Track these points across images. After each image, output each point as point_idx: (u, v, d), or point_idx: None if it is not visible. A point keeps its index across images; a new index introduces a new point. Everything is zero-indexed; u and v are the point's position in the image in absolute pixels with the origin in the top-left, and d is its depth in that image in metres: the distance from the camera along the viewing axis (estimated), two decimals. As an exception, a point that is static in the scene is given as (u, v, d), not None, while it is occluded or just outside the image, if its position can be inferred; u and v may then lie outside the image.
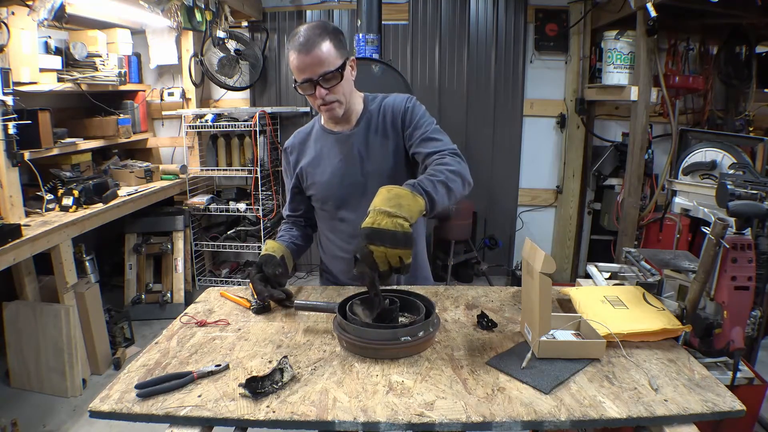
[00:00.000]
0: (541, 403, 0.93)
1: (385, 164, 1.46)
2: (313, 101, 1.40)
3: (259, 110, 3.61)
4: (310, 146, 1.55)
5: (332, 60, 1.33)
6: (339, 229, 1.55)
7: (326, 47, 1.31)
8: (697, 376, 1.02)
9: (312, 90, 1.35)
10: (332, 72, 1.33)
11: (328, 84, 1.35)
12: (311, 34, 1.31)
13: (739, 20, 3.12)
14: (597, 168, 3.69)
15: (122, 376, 1.05)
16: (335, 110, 1.40)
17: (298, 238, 1.62)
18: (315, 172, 1.52)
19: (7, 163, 2.40)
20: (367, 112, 1.50)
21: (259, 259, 1.44)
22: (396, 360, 1.09)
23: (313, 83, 1.34)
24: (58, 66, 2.87)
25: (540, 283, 1.05)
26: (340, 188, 1.49)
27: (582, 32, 3.73)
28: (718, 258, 1.14)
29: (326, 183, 1.50)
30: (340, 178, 1.48)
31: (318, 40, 1.31)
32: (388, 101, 1.51)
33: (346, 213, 1.51)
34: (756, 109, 3.49)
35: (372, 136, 1.47)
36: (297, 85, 1.37)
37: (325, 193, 1.52)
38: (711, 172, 1.83)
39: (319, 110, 1.43)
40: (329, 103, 1.38)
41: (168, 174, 3.74)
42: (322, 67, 1.32)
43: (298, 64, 1.32)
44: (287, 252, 1.52)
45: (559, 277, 3.98)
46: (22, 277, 2.59)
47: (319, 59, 1.31)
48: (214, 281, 3.92)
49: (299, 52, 1.31)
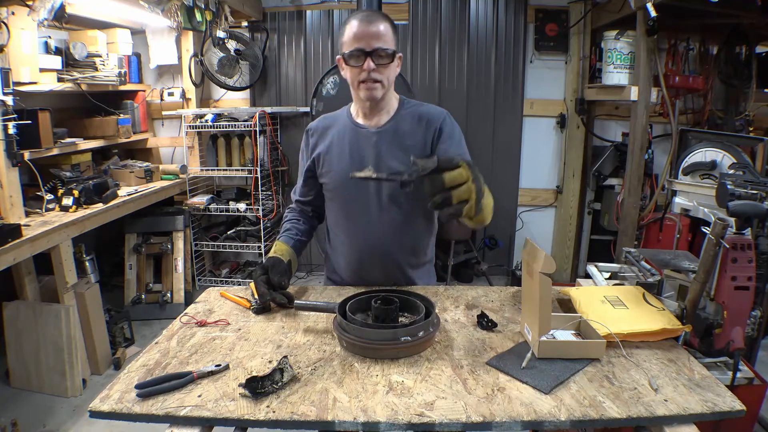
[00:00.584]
0: (541, 403, 0.93)
1: (400, 167, 1.42)
2: (356, 75, 1.39)
3: (259, 110, 3.61)
4: (333, 133, 1.52)
5: (389, 40, 1.36)
6: (344, 225, 1.53)
7: (387, 28, 1.36)
8: (697, 376, 1.02)
9: (360, 62, 1.35)
10: (387, 50, 1.35)
11: (378, 60, 1.35)
12: (376, 14, 1.38)
13: (739, 20, 3.11)
14: (597, 168, 3.69)
15: (122, 376, 1.05)
16: (376, 90, 1.39)
17: (304, 233, 1.60)
18: (332, 160, 1.50)
19: (7, 163, 2.40)
20: (398, 114, 1.48)
21: (266, 261, 1.44)
22: (396, 360, 1.09)
23: (365, 54, 1.34)
24: (58, 66, 2.87)
25: (540, 283, 1.05)
26: (354, 182, 1.44)
27: (582, 32, 3.72)
28: (718, 258, 1.14)
29: (341, 174, 1.47)
30: (362, 165, 1.44)
31: (382, 19, 1.37)
32: (425, 109, 1.50)
33: (353, 209, 1.49)
34: (756, 109, 3.48)
35: (398, 139, 1.46)
36: (345, 54, 1.37)
37: (337, 184, 1.50)
38: (711, 172, 1.83)
39: (359, 87, 1.40)
40: (374, 80, 1.37)
41: (168, 174, 3.74)
42: (380, 41, 1.34)
43: (356, 31, 1.34)
44: (293, 256, 1.51)
45: (559, 277, 3.98)
46: (22, 277, 2.59)
47: (379, 33, 1.34)
48: (214, 281, 3.92)
49: (361, 21, 1.34)
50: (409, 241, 1.52)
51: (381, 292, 1.29)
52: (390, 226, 1.47)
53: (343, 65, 1.41)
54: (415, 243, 1.54)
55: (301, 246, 1.58)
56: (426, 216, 1.53)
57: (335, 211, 1.56)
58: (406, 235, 1.50)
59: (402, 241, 1.50)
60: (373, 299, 1.22)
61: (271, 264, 1.41)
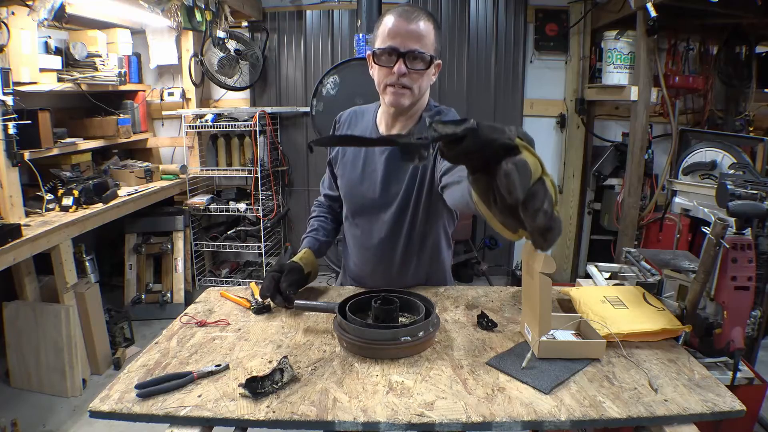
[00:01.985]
0: (541, 403, 0.93)
1: (412, 185, 1.37)
2: (383, 76, 1.25)
3: (259, 110, 3.61)
4: (356, 133, 1.42)
5: (428, 43, 1.22)
6: (352, 232, 1.51)
7: (428, 28, 1.22)
8: (697, 376, 1.02)
9: (391, 62, 1.21)
10: (422, 54, 1.21)
11: (411, 64, 1.21)
12: (418, 10, 1.22)
13: (739, 20, 3.12)
14: (597, 168, 3.69)
15: (122, 376, 1.05)
16: (404, 96, 1.25)
17: (330, 233, 1.54)
18: (346, 165, 1.44)
19: (7, 163, 2.40)
20: (419, 125, 1.36)
21: (288, 261, 1.35)
22: (396, 360, 1.09)
23: (397, 55, 1.20)
24: (58, 66, 2.87)
25: (540, 283, 1.05)
26: (363, 192, 1.42)
27: (582, 32, 3.73)
28: (718, 258, 1.14)
29: (350, 183, 1.44)
30: (369, 182, 1.41)
31: (424, 18, 1.21)
32: (445, 115, 1.39)
33: (360, 219, 1.47)
34: (756, 109, 3.49)
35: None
36: (377, 50, 1.23)
37: (345, 191, 1.47)
38: (711, 172, 1.83)
39: (385, 90, 1.27)
40: (402, 86, 1.23)
41: (168, 174, 3.74)
42: (417, 42, 1.20)
43: (393, 27, 1.20)
44: (315, 267, 1.45)
45: (559, 277, 3.98)
46: (22, 277, 2.59)
47: (417, 33, 1.20)
48: (214, 281, 3.92)
49: (400, 17, 1.20)
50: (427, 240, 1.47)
51: (381, 292, 1.29)
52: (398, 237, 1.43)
53: (372, 63, 1.26)
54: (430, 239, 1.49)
55: (326, 248, 1.53)
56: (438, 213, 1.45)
57: (346, 213, 1.53)
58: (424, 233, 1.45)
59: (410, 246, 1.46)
60: (373, 299, 1.22)
61: (289, 269, 1.33)
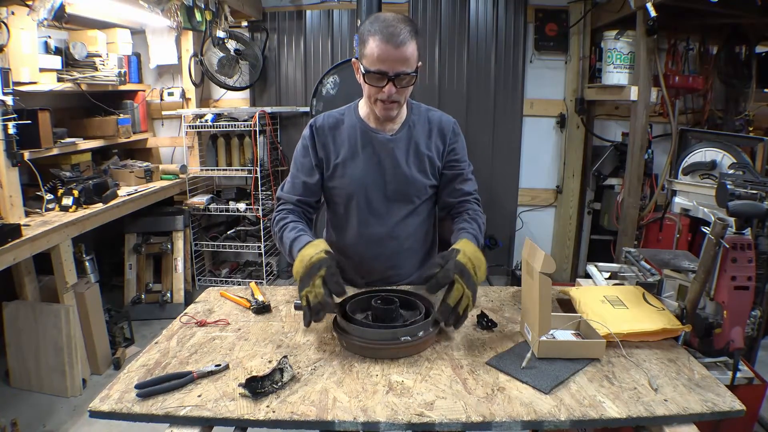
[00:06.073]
0: (541, 403, 0.93)
1: (415, 174, 1.46)
2: (374, 93, 1.34)
3: (258, 110, 3.61)
4: (344, 137, 1.47)
5: (413, 62, 1.30)
6: (354, 228, 1.51)
7: (413, 48, 1.28)
8: (697, 376, 1.02)
9: (381, 84, 1.31)
10: (409, 74, 1.31)
11: (400, 84, 1.31)
12: (403, 29, 1.26)
13: (739, 20, 3.11)
14: (597, 168, 3.69)
15: (122, 376, 1.05)
16: (393, 110, 1.37)
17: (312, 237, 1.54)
18: (348, 165, 1.46)
19: (7, 163, 2.40)
20: (410, 120, 1.48)
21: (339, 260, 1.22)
22: (396, 360, 1.09)
23: (386, 78, 1.29)
24: (58, 66, 2.87)
25: (540, 283, 1.05)
26: (370, 189, 1.46)
27: (582, 32, 3.72)
28: (718, 258, 1.14)
29: (358, 180, 1.46)
30: (373, 179, 1.46)
31: (408, 38, 1.27)
32: (435, 115, 1.51)
33: (365, 215, 1.48)
34: (756, 109, 3.48)
35: (413, 146, 1.46)
36: (366, 71, 1.31)
37: (352, 190, 1.47)
38: (711, 172, 1.83)
39: (375, 104, 1.37)
40: (392, 102, 1.34)
41: (168, 174, 3.74)
42: (404, 66, 1.28)
43: (380, 54, 1.26)
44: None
45: (559, 277, 3.98)
46: (22, 277, 2.59)
47: (404, 57, 1.27)
48: (214, 281, 3.92)
49: (388, 43, 1.25)
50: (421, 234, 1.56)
51: (381, 292, 1.30)
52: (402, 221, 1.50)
53: (362, 79, 1.34)
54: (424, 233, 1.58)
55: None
56: (430, 208, 1.57)
57: (340, 215, 1.53)
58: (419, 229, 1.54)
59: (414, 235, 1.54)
60: (373, 299, 1.22)
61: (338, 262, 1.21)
